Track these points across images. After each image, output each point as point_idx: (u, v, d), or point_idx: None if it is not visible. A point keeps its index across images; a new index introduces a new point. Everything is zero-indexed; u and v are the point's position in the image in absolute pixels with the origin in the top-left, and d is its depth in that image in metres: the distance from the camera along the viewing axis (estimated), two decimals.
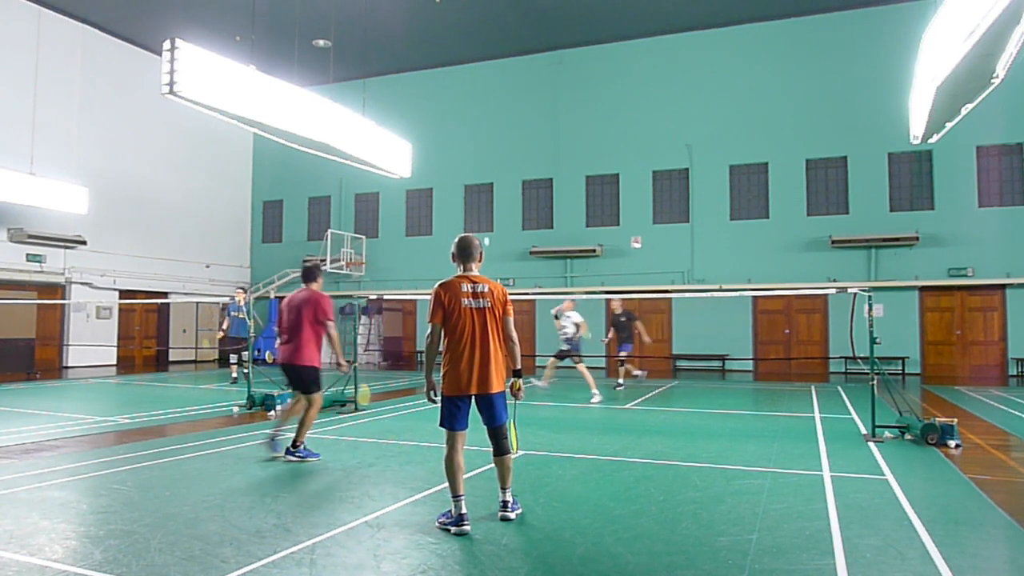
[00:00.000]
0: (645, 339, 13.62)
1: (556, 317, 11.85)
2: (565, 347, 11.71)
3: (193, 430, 8.21)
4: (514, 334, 4.50)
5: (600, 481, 5.59)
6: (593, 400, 11.04)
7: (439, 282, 4.39)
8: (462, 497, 4.27)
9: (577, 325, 11.68)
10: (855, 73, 17.99)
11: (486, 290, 4.39)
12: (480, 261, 4.55)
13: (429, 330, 4.38)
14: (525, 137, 21.20)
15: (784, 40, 18.86)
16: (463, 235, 4.59)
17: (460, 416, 4.36)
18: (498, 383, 4.38)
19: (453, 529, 4.21)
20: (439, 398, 4.43)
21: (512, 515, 4.46)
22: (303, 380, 6.40)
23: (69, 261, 18.88)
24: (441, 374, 4.42)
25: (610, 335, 13.49)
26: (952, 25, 5.45)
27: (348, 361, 7.60)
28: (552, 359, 12.19)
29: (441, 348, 4.42)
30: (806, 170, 18.48)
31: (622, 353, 13.24)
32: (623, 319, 13.26)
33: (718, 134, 19.19)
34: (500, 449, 4.45)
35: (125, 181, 20.28)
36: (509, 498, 4.51)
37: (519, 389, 4.53)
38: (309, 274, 6.66)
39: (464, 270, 4.49)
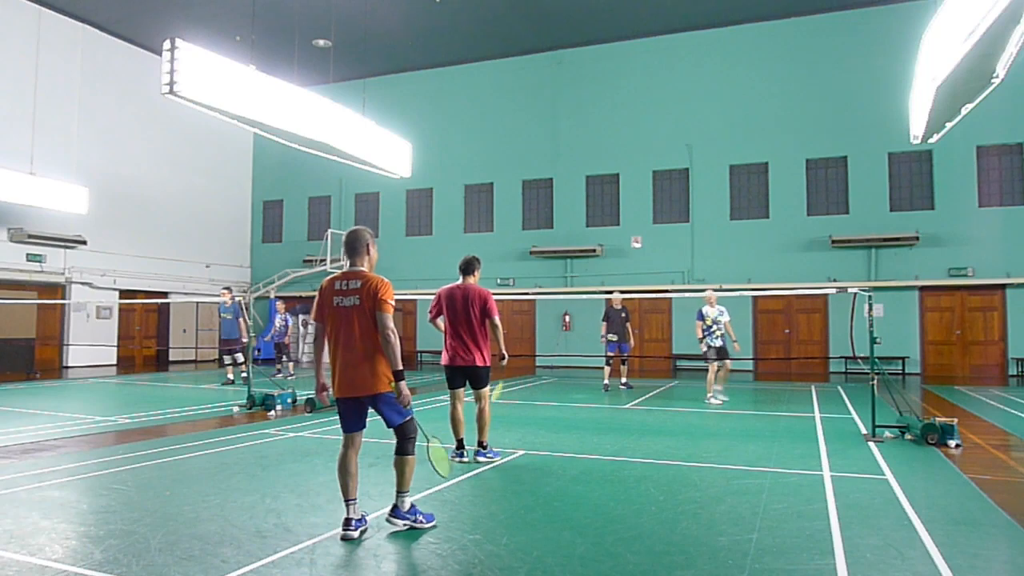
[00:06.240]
0: (632, 341, 13.27)
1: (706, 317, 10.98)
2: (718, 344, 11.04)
3: (193, 430, 8.21)
4: (388, 331, 3.98)
5: (600, 481, 5.58)
6: (715, 400, 10.90)
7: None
8: (351, 502, 4.06)
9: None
10: (855, 73, 17.98)
11: (357, 286, 4.04)
12: (369, 255, 4.21)
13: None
14: (525, 137, 21.19)
15: (784, 40, 18.86)
16: (352, 228, 4.28)
17: (344, 419, 4.16)
18: (369, 385, 4.03)
19: (339, 532, 4.05)
20: (331, 399, 4.23)
21: (399, 523, 4.14)
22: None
23: (69, 261, 18.88)
24: None
25: (603, 329, 13.05)
26: (952, 25, 5.45)
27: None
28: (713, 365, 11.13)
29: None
30: (806, 170, 18.48)
31: (624, 353, 13.16)
32: (623, 315, 13.06)
33: (718, 134, 19.18)
34: (397, 448, 4.22)
35: (125, 181, 20.28)
36: (402, 504, 4.17)
37: (400, 394, 4.03)
38: (467, 267, 6.34)
39: (349, 266, 4.21)
